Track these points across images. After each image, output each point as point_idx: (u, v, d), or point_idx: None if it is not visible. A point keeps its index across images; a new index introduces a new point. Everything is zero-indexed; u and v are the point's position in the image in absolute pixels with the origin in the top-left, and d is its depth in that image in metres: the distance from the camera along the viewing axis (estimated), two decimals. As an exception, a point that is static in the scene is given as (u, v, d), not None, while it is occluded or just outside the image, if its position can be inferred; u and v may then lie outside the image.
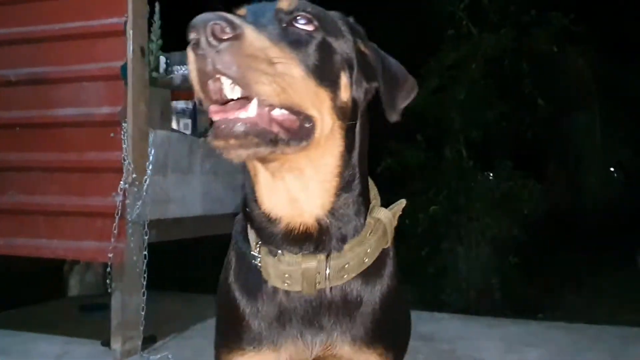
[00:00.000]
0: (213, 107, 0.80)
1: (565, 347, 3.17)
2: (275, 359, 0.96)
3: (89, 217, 2.93)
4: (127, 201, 2.80)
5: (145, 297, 2.91)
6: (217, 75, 0.77)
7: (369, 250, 0.96)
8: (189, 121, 3.48)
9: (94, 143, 2.94)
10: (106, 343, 2.86)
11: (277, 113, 0.81)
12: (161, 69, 3.39)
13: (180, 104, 3.47)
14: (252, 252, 0.96)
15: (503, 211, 4.99)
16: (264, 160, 0.85)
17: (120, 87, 2.88)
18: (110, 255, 2.75)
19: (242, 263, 1.00)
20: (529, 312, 4.97)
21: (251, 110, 0.78)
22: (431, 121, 5.45)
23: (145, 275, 2.92)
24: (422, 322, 3.79)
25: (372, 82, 0.96)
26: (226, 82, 0.77)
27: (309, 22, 0.87)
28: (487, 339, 3.32)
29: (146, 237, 2.89)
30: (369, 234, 0.96)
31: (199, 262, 6.68)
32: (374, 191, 1.04)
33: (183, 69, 3.54)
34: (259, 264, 0.95)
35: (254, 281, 0.98)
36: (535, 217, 5.09)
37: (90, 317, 3.53)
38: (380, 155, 5.58)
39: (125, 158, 2.76)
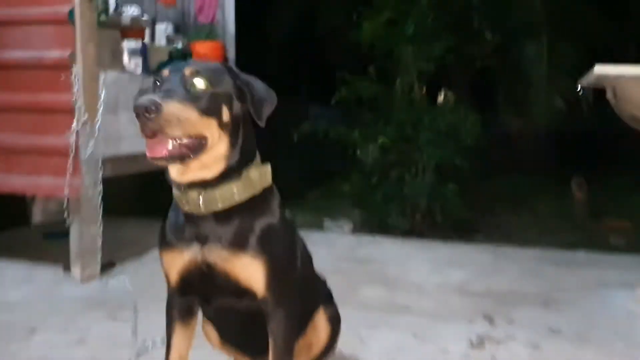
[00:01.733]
0: (148, 142, 1.29)
1: (486, 268, 3.55)
2: (180, 259, 1.45)
3: (45, 155, 3.12)
4: (81, 141, 3.00)
5: (101, 227, 3.17)
6: (150, 128, 1.26)
7: (235, 190, 1.42)
8: (140, 60, 3.62)
9: (45, 85, 3.09)
10: (67, 268, 3.14)
11: (185, 141, 1.31)
12: (111, 10, 3.48)
13: (130, 44, 3.59)
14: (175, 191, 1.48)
15: (447, 141, 5.28)
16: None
17: (69, 31, 3.01)
18: (67, 191, 2.98)
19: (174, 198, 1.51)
20: (469, 233, 5.39)
21: (169, 145, 1.29)
22: (383, 54, 5.62)
23: (101, 208, 3.17)
24: (361, 246, 4.16)
25: (246, 103, 1.44)
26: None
27: (202, 82, 1.36)
28: (418, 261, 3.68)
29: (100, 174, 3.12)
30: (236, 182, 1.43)
31: (157, 191, 6.92)
32: (257, 162, 1.50)
33: (133, 9, 3.64)
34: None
35: (176, 208, 1.50)
36: (478, 146, 5.40)
37: (53, 243, 3.74)
38: (334, 86, 5.78)
39: (76, 100, 2.94)
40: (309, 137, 5.80)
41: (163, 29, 4.22)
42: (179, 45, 4.18)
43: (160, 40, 4.20)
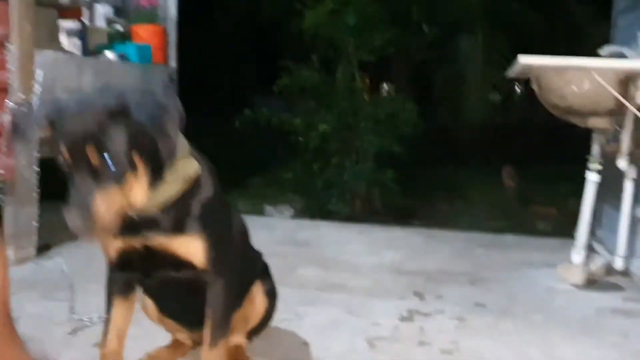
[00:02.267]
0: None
1: (418, 249, 3.70)
2: (118, 243, 1.47)
3: (-22, 135, 3.05)
4: (15, 120, 2.95)
5: (38, 209, 3.13)
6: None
7: (164, 191, 1.41)
8: (79, 41, 3.57)
9: (-21, 63, 3.01)
10: (1, 251, 3.09)
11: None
12: (49, -12, 3.42)
13: (68, 24, 3.53)
14: None
15: (386, 130, 5.45)
16: None
17: (3, 9, 2.94)
18: (1, 171, 2.93)
19: None
20: (405, 219, 5.57)
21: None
22: (325, 43, 5.73)
23: (38, 189, 3.13)
24: (301, 230, 4.24)
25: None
26: None
27: (108, 157, 1.26)
28: (355, 243, 3.80)
29: (36, 154, 3.08)
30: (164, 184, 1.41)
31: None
32: (183, 155, 1.46)
33: (71, -12, 3.58)
34: None
35: None
36: (415, 135, 5.59)
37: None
38: (277, 74, 5.84)
39: (11, 79, 2.89)
40: (251, 125, 5.84)
41: (102, 11, 4.15)
42: (119, 27, 4.13)
43: (100, 22, 4.13)
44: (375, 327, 2.35)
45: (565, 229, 3.98)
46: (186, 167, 1.45)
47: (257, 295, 1.85)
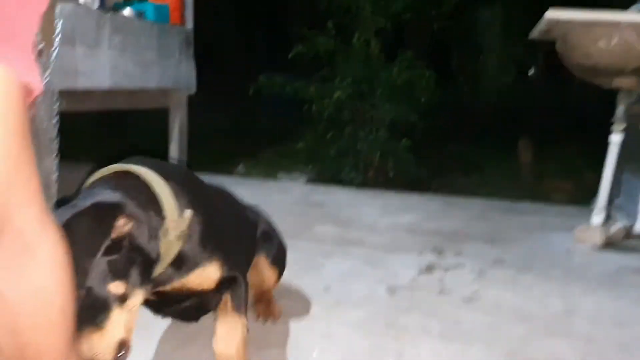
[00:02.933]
0: None
1: (435, 213, 3.69)
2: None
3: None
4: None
5: (58, 161, 3.13)
6: None
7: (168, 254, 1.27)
8: (97, -5, 3.54)
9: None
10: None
11: None
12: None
13: (87, -23, 3.51)
14: None
15: (402, 98, 5.39)
16: None
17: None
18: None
19: None
20: (419, 190, 5.54)
21: None
22: (341, 9, 5.66)
23: (57, 141, 3.12)
24: (316, 193, 4.24)
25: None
26: None
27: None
28: (369, 206, 3.79)
29: (56, 106, 3.07)
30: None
31: (113, 136, 6.85)
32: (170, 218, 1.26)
33: (91, -58, 3.55)
34: None
35: None
36: (432, 105, 5.53)
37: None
38: (291, 42, 5.79)
39: (32, 27, 2.87)
40: (264, 94, 5.80)
41: (121, -33, 4.12)
42: (137, -15, 4.10)
43: (118, -21, 4.10)
44: (395, 277, 2.35)
45: (580, 202, 3.95)
46: (179, 226, 1.26)
47: (264, 268, 1.82)
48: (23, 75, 0.86)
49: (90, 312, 1.06)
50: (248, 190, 3.56)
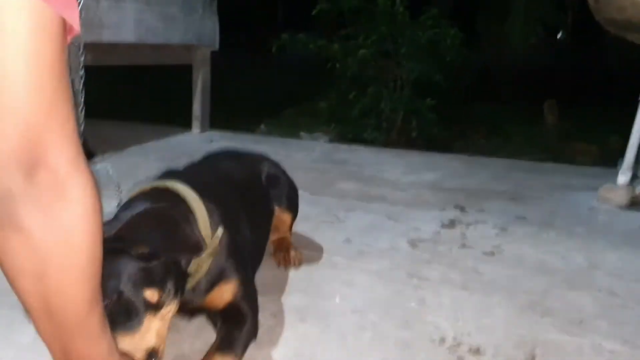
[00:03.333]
0: None
1: (458, 171, 3.67)
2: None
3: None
4: (61, 22, 2.95)
5: (83, 113, 3.17)
6: None
7: (201, 274, 1.30)
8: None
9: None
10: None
11: None
12: None
13: None
14: None
15: (427, 57, 5.33)
16: None
17: None
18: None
19: None
20: (441, 151, 5.51)
21: None
22: (366, -34, 5.56)
23: (83, 94, 3.16)
24: (338, 152, 4.24)
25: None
26: None
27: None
28: (392, 164, 3.79)
29: (82, 58, 3.09)
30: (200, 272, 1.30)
31: (136, 92, 6.88)
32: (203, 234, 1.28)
33: None
34: None
35: None
36: (457, 65, 5.46)
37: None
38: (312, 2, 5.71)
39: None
40: (287, 52, 5.77)
41: None
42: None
43: None
44: (417, 231, 2.37)
45: (605, 165, 3.90)
46: (211, 244, 1.29)
47: (277, 214, 1.89)
48: (61, 11, 0.80)
49: (122, 315, 1.08)
50: (270, 148, 3.58)
